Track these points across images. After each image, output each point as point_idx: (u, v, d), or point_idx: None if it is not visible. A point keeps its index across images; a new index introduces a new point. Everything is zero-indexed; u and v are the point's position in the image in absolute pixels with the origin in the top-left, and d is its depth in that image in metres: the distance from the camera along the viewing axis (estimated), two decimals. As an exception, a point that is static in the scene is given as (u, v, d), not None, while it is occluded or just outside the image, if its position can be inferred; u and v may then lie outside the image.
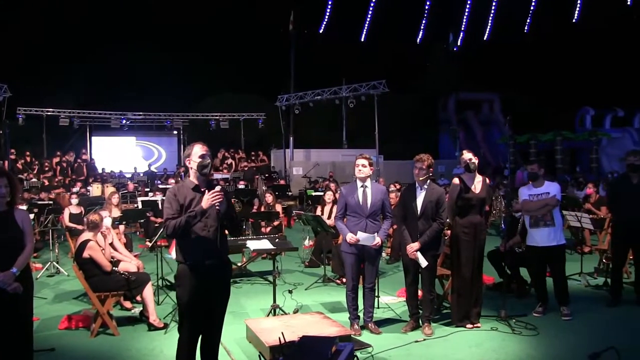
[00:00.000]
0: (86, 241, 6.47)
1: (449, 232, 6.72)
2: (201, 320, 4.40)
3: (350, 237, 5.97)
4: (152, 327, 6.37)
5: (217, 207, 4.28)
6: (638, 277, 7.22)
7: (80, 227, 10.20)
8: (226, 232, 4.59)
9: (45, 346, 5.72)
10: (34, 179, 19.71)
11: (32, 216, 10.77)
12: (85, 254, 6.37)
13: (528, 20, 33.91)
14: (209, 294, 4.35)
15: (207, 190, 4.28)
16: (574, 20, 32.79)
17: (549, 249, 6.68)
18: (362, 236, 5.97)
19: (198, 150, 4.41)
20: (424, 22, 34.61)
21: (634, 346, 5.53)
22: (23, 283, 4.38)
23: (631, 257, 7.62)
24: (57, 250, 10.25)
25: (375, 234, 6.02)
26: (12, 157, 21.16)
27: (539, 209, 6.67)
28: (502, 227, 8.71)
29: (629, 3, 30.78)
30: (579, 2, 32.59)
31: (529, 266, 7.85)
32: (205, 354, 4.55)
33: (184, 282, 4.34)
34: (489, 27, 34.53)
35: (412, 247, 5.98)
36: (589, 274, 8.71)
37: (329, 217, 9.86)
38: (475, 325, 6.27)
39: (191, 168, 4.43)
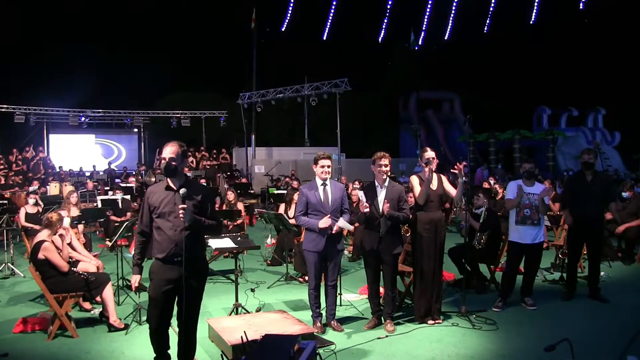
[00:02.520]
0: (41, 242, 6.32)
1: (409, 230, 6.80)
2: (165, 313, 4.52)
3: (323, 222, 5.94)
4: (112, 328, 6.26)
5: (180, 208, 4.35)
6: (591, 271, 7.44)
7: (37, 227, 9.96)
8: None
9: (-1, 351, 5.57)
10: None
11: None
12: (41, 255, 6.22)
13: (487, 21, 34.48)
14: (179, 289, 4.41)
15: (179, 193, 4.42)
16: (531, 22, 33.47)
17: (532, 246, 6.89)
18: (342, 222, 6.01)
19: (166, 151, 4.49)
20: (385, 21, 34.87)
21: (587, 338, 5.74)
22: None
23: (585, 253, 7.86)
24: (12, 251, 9.99)
25: (342, 218, 6.08)
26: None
27: (516, 206, 6.88)
28: (462, 225, 8.85)
29: (581, 7, 31.61)
30: (536, 3, 33.27)
31: (488, 262, 8.03)
32: (181, 349, 4.59)
33: (154, 276, 4.48)
34: (449, 27, 35.00)
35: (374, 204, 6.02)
36: (545, 269, 8.92)
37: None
38: (436, 321, 6.35)
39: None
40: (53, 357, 5.56)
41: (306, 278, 7.66)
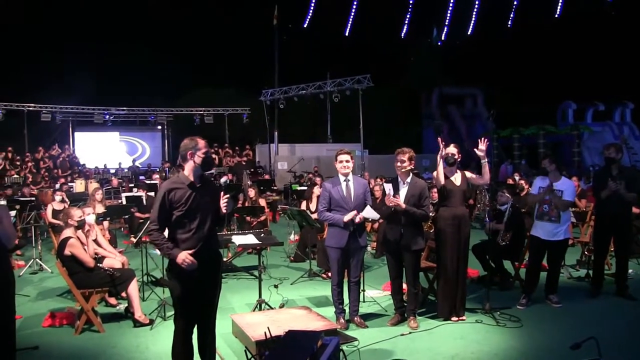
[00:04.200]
0: (67, 238, 6.41)
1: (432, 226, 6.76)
2: (195, 310, 4.44)
3: (349, 216, 5.95)
4: (137, 324, 6.34)
5: (225, 210, 4.38)
6: (618, 268, 7.33)
7: (62, 223, 10.10)
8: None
9: (29, 344, 5.66)
10: (15, 175, 19.51)
11: (13, 213, 10.66)
12: (67, 251, 6.32)
13: (511, 15, 34.06)
14: (202, 286, 4.39)
15: (203, 188, 4.40)
16: (556, 15, 32.99)
17: (551, 243, 6.81)
18: (366, 212, 6.00)
19: (203, 145, 4.43)
20: (408, 16, 34.64)
21: (614, 336, 5.65)
22: (3, 279, 4.33)
23: (612, 250, 7.73)
24: (40, 247, 10.16)
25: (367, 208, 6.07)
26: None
27: (540, 201, 6.82)
28: (486, 221, 8.77)
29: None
30: (560, -3, 32.82)
31: (512, 259, 7.96)
32: (202, 345, 4.57)
33: (177, 274, 4.37)
34: (472, 21, 34.65)
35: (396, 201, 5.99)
36: (571, 266, 8.82)
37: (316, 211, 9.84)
38: (460, 318, 6.32)
39: (193, 162, 4.41)
40: (80, 351, 5.65)
41: (329, 274, 7.67)
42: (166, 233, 4.43)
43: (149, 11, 27.60)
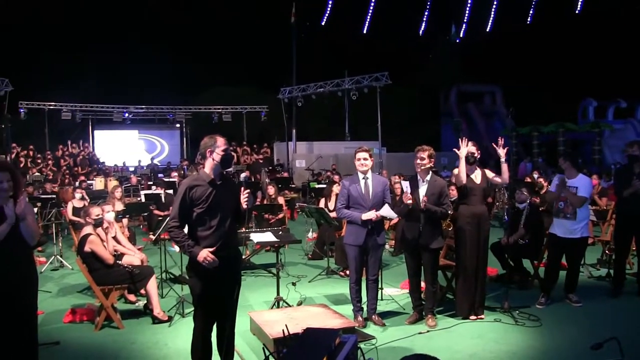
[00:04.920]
0: (87, 235, 6.49)
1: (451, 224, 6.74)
2: (214, 308, 4.45)
3: (368, 215, 5.93)
4: (156, 320, 6.39)
5: (245, 205, 4.39)
6: (640, 268, 7.24)
7: (83, 220, 10.21)
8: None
9: (50, 340, 5.73)
10: (36, 173, 19.74)
11: (34, 210, 10.76)
12: (87, 248, 6.39)
13: (531, 11, 33.73)
14: (222, 283, 4.39)
15: (223, 185, 4.43)
16: (576, 11, 32.61)
17: (569, 240, 6.73)
18: (384, 211, 5.98)
19: (222, 142, 4.44)
20: (426, 13, 34.48)
21: (636, 337, 5.56)
22: (27, 276, 4.39)
23: (634, 249, 7.64)
24: (60, 244, 10.27)
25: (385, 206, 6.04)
26: (14, 151, 21.22)
27: (555, 199, 6.76)
28: (505, 219, 8.71)
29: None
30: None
31: (531, 258, 7.89)
32: (221, 342, 4.57)
33: (197, 272, 4.38)
34: (491, 18, 34.37)
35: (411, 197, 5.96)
36: (592, 265, 8.72)
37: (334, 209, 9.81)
38: (478, 316, 6.28)
39: (213, 160, 4.44)
40: (100, 347, 5.71)
41: (347, 272, 7.67)
42: (186, 230, 4.45)
43: (168, 11, 27.77)
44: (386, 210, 6.00)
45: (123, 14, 27.29)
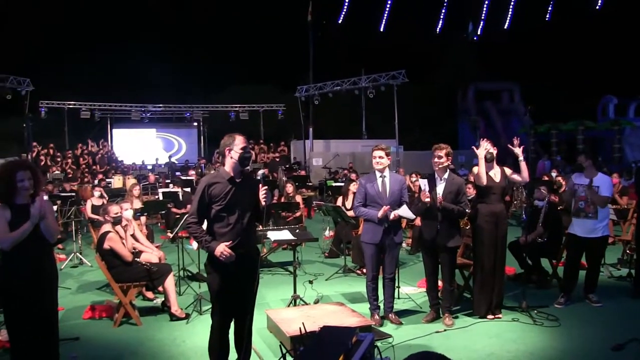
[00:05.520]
0: (106, 232, 6.55)
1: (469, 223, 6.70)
2: (231, 305, 4.46)
3: (382, 210, 5.90)
4: (173, 317, 6.43)
5: (264, 201, 4.38)
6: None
7: (102, 218, 10.30)
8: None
9: (70, 335, 5.81)
10: (56, 171, 19.94)
11: (54, 208, 10.90)
12: (106, 245, 6.45)
13: (549, 8, 33.39)
14: (239, 281, 4.40)
15: (242, 183, 4.44)
16: (597, 7, 32.21)
17: (589, 240, 6.65)
18: (402, 211, 5.95)
19: (240, 141, 4.45)
20: (443, 11, 34.29)
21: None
22: (48, 273, 4.45)
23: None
24: (80, 242, 10.38)
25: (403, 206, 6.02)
26: (35, 149, 21.47)
27: (576, 198, 6.68)
28: (523, 218, 8.64)
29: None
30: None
31: (550, 257, 7.82)
32: (239, 340, 4.58)
33: (215, 268, 4.41)
34: (509, 15, 34.08)
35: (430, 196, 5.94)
36: (612, 265, 8.63)
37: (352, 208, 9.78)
38: (496, 316, 6.24)
39: (231, 158, 4.45)
40: (119, 343, 5.76)
41: (364, 270, 7.66)
42: (204, 226, 4.48)
43: (186, 10, 27.90)
44: (404, 211, 5.98)
45: (140, 14, 27.47)
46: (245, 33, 29.36)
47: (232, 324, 4.56)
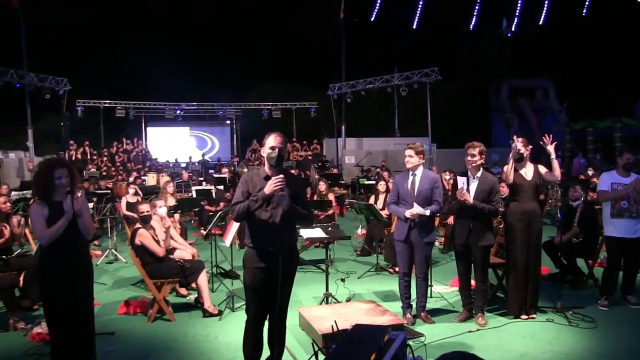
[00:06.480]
0: (137, 229, 6.68)
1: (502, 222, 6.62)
2: (265, 302, 4.48)
3: (410, 212, 5.90)
4: (206, 314, 6.51)
5: (280, 194, 4.32)
6: None
7: (136, 215, 10.46)
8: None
9: (106, 330, 5.93)
10: (92, 169, 20.31)
11: (90, 205, 11.10)
12: (137, 241, 6.57)
13: (586, 3, 32.72)
14: (273, 278, 4.40)
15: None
16: (638, 0, 31.41)
17: (631, 240, 6.48)
18: (415, 208, 5.92)
19: (270, 141, 4.47)
20: (476, 8, 33.88)
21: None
22: (84, 269, 4.56)
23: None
24: (115, 238, 10.56)
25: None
26: (72, 148, 21.90)
27: (618, 197, 6.50)
28: (558, 217, 8.50)
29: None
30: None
31: (586, 257, 7.67)
32: (272, 336, 4.61)
33: (249, 265, 4.46)
34: (544, 11, 33.50)
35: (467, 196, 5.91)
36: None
37: (383, 207, 9.76)
38: (530, 316, 6.16)
39: (262, 156, 4.51)
40: (153, 339, 5.85)
41: (396, 269, 7.64)
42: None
43: (219, 10, 28.10)
44: (417, 208, 5.92)
45: (176, 13, 27.76)
46: (278, 31, 29.42)
47: (266, 321, 4.59)
